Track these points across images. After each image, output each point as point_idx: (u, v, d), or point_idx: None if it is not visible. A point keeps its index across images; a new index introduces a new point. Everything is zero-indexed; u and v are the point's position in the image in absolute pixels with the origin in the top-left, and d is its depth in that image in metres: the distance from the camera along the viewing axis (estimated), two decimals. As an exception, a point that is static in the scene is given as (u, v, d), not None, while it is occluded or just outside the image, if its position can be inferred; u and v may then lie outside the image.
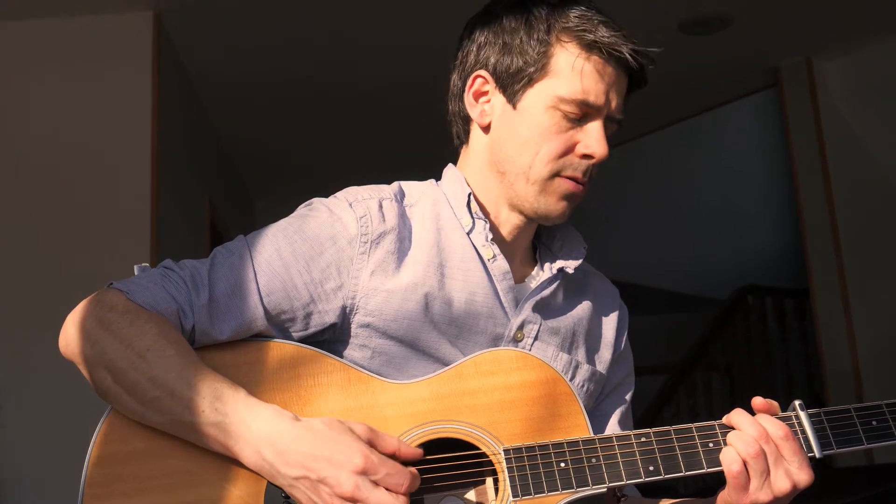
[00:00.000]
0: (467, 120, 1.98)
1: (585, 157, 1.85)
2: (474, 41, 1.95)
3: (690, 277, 9.84)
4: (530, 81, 1.86)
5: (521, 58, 1.87)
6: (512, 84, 1.88)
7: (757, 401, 1.74)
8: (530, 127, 1.86)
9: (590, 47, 1.84)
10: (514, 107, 1.88)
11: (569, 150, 1.85)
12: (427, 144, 2.64)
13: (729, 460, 1.65)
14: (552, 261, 1.97)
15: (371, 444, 1.61)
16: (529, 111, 1.86)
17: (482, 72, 1.93)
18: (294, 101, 6.72)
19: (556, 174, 1.85)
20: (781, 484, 1.64)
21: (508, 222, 1.93)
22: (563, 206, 1.88)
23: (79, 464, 1.64)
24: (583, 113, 1.84)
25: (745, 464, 1.65)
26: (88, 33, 5.39)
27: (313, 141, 7.47)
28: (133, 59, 5.37)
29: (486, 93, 1.93)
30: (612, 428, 1.99)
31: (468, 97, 1.95)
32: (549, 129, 1.84)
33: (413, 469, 1.61)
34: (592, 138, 1.85)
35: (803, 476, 1.65)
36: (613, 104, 1.87)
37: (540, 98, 1.85)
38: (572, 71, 1.84)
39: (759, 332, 8.49)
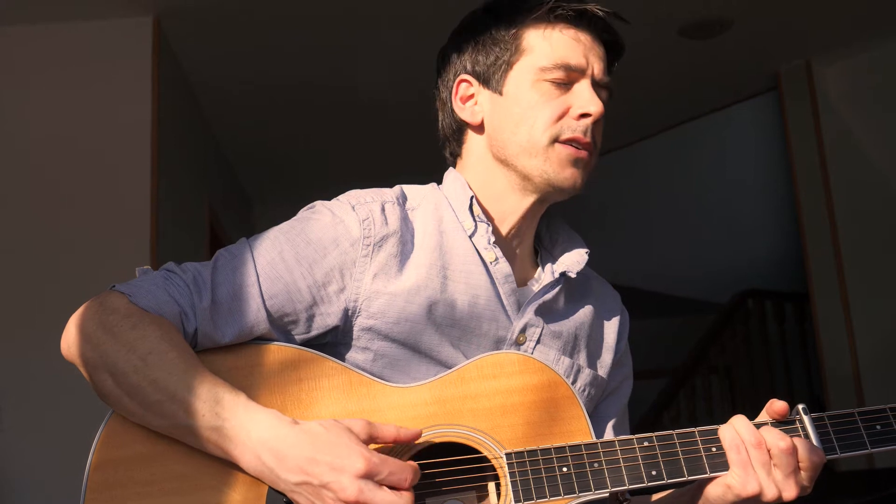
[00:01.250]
0: (461, 130, 2.00)
1: (582, 116, 1.87)
2: (449, 62, 2.01)
3: (690, 281, 9.84)
4: (509, 66, 1.91)
5: (494, 48, 1.92)
6: (493, 74, 1.92)
7: (775, 408, 1.73)
8: (521, 104, 1.88)
9: (553, 15, 1.89)
10: (501, 93, 1.91)
11: (563, 114, 1.87)
12: (427, 149, 2.64)
13: (730, 436, 1.67)
14: (554, 264, 1.97)
15: (370, 437, 1.62)
16: (516, 91, 1.90)
17: (463, 76, 1.97)
18: (294, 106, 6.73)
19: (555, 140, 1.86)
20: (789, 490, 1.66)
21: (517, 211, 1.93)
22: (571, 172, 1.87)
23: (80, 467, 1.64)
24: (568, 78, 1.87)
25: (744, 446, 1.66)
26: (88, 38, 5.40)
27: (313, 145, 7.48)
28: (133, 63, 5.37)
29: (471, 95, 1.96)
30: (609, 430, 1.99)
31: (457, 103, 1.98)
32: (539, 100, 1.87)
33: (413, 463, 1.62)
34: (584, 97, 1.87)
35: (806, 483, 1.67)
36: (596, 68, 1.90)
37: (522, 76, 1.89)
38: (544, 41, 1.89)
39: (759, 336, 8.48)
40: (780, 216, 9.15)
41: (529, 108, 1.87)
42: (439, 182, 2.00)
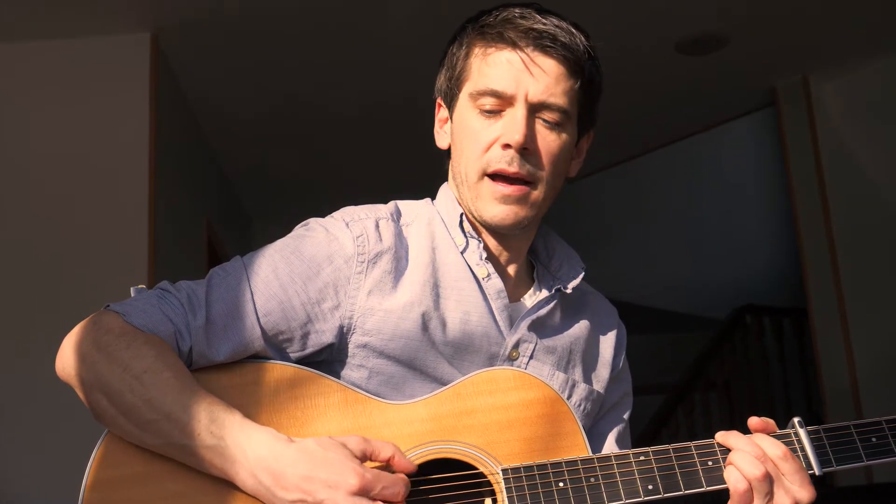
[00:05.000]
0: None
1: (506, 146, 1.81)
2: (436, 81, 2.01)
3: (688, 296, 9.84)
4: (458, 91, 1.90)
5: (449, 71, 1.92)
6: (449, 99, 1.93)
7: (752, 420, 1.74)
8: (459, 133, 1.88)
9: (486, 38, 1.86)
10: (452, 119, 1.92)
11: (492, 144, 1.83)
12: (426, 164, 2.65)
13: (735, 479, 1.65)
14: (550, 280, 1.97)
15: (365, 454, 1.62)
16: (458, 118, 1.89)
17: (438, 98, 1.98)
18: (292, 122, 6.73)
19: (483, 174, 1.83)
20: (783, 502, 1.64)
21: (490, 237, 1.92)
22: (501, 209, 1.84)
23: (78, 485, 1.63)
24: (501, 105, 1.83)
25: (750, 484, 1.65)
26: (86, 55, 5.40)
27: (311, 161, 7.48)
28: (130, 80, 5.38)
29: (446, 118, 1.97)
30: (610, 447, 1.98)
31: (436, 126, 1.99)
32: (472, 129, 1.85)
33: (405, 476, 1.62)
34: (508, 125, 1.81)
35: (805, 494, 1.66)
36: (532, 90, 1.81)
37: (463, 103, 1.88)
38: (477, 66, 1.86)
39: (758, 352, 8.47)
40: (778, 231, 9.16)
41: (465, 138, 1.86)
42: (434, 197, 2.01)
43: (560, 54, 1.83)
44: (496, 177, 1.83)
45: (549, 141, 1.84)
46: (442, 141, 1.97)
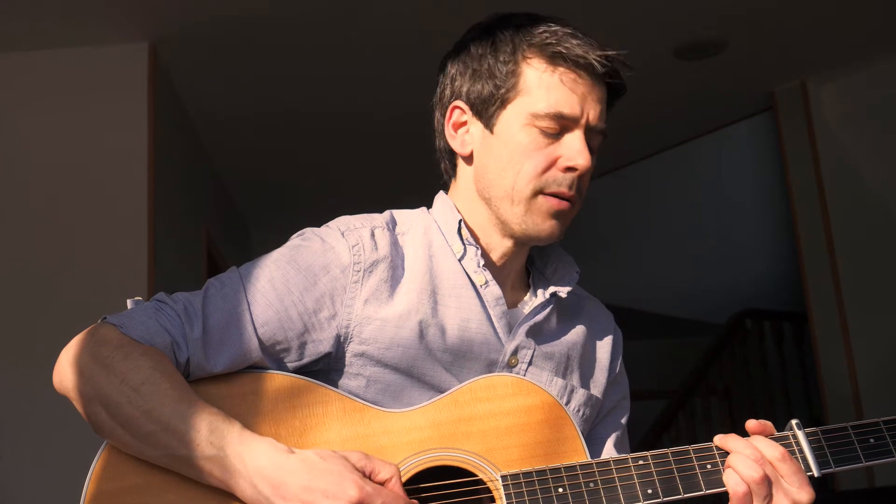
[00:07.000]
0: (453, 154, 1.98)
1: (569, 169, 1.83)
2: (447, 75, 1.97)
3: (688, 302, 9.84)
4: (503, 103, 1.87)
5: (491, 81, 1.88)
6: (486, 109, 1.89)
7: (750, 423, 1.74)
8: (509, 148, 1.85)
9: (555, 59, 1.84)
10: (492, 131, 1.88)
11: (550, 165, 1.83)
12: (425, 174, 2.65)
13: (734, 482, 1.65)
14: (545, 286, 1.97)
15: (365, 471, 1.61)
16: (506, 132, 1.86)
17: (458, 102, 1.93)
18: (291, 132, 6.73)
19: (539, 192, 1.84)
20: None
21: (500, 248, 1.92)
22: (551, 224, 1.86)
23: (78, 496, 1.63)
24: (560, 126, 1.83)
25: (749, 486, 1.65)
26: (84, 65, 5.41)
27: (310, 171, 7.48)
28: (129, 90, 5.38)
29: (464, 123, 1.94)
30: (608, 452, 1.98)
31: (448, 130, 1.95)
32: (527, 147, 1.83)
33: (404, 494, 1.62)
34: (573, 150, 1.83)
35: (804, 495, 1.66)
36: (591, 114, 1.85)
37: (515, 118, 1.85)
38: (541, 86, 1.84)
39: (758, 357, 8.46)
40: (777, 236, 9.16)
41: (517, 154, 1.84)
42: (430, 206, 2.00)
43: (613, 81, 1.89)
44: (551, 195, 1.84)
45: (591, 163, 1.87)
46: (463, 147, 1.94)
